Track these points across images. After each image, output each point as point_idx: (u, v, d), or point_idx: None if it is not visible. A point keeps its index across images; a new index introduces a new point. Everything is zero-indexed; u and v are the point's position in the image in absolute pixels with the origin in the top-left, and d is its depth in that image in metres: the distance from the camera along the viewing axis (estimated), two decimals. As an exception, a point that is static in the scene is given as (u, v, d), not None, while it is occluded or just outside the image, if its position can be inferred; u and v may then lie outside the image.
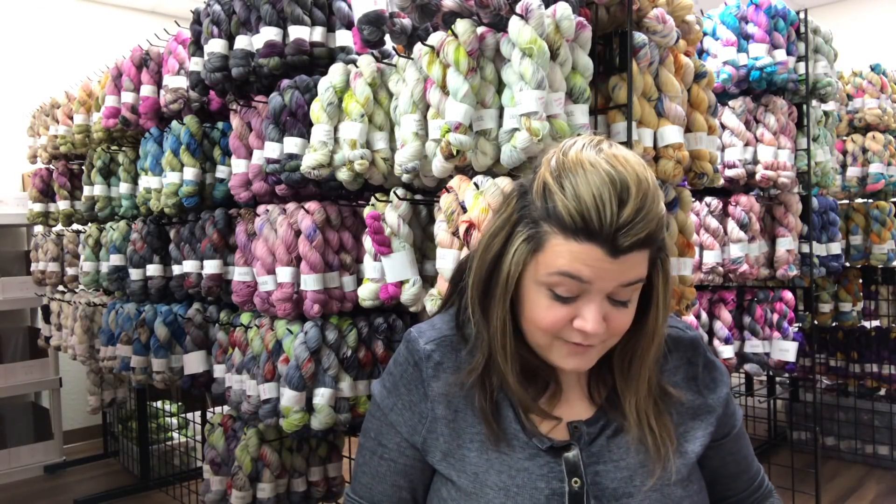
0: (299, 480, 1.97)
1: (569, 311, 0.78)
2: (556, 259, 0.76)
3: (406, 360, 0.90)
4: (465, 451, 0.85)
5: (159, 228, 2.34)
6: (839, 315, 3.15)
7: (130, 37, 3.41)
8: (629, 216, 0.72)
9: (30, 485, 3.40)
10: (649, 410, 0.85)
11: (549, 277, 0.77)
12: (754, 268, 2.22)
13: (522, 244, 0.79)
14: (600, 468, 0.83)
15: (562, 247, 0.75)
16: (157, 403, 3.47)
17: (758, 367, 2.27)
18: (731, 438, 0.94)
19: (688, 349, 0.92)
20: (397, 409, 0.89)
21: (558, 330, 0.80)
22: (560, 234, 0.75)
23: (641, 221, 0.73)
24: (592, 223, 0.72)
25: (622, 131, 1.43)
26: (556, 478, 0.81)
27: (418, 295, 1.47)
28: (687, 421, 0.88)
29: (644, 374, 0.84)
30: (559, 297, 0.78)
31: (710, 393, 0.91)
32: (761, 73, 2.24)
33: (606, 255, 0.73)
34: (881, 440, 3.38)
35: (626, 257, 0.74)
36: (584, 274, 0.75)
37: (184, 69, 2.18)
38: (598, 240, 0.73)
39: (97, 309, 2.76)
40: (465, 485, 0.84)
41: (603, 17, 1.47)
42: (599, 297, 0.77)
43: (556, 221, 0.75)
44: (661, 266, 0.81)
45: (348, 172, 1.54)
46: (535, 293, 0.80)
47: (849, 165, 3.17)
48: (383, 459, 0.90)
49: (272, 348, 1.74)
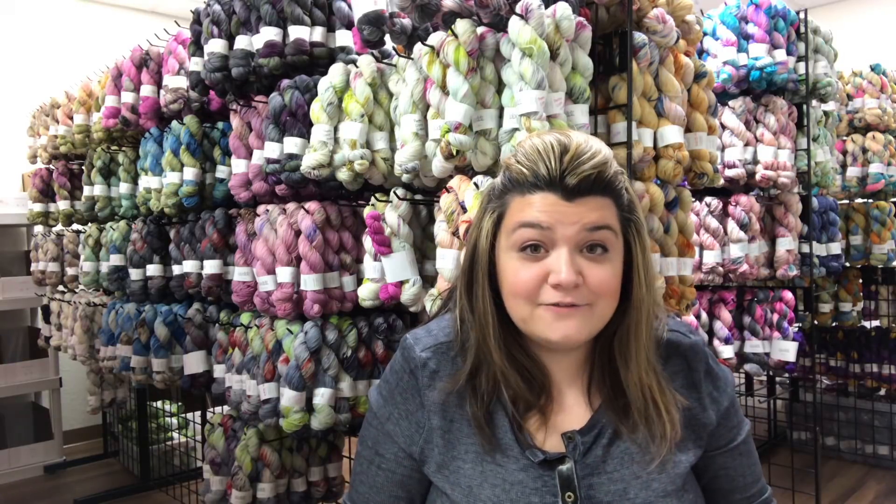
0: (299, 480, 1.97)
1: (541, 267, 0.79)
2: (518, 216, 0.81)
3: (402, 368, 0.89)
4: (460, 463, 0.84)
5: (159, 228, 2.34)
6: (839, 315, 3.14)
7: (130, 37, 3.41)
8: (571, 157, 0.78)
9: (30, 485, 3.40)
10: (653, 384, 0.82)
11: (513, 235, 0.81)
12: (754, 268, 2.22)
13: (489, 219, 0.85)
14: (594, 481, 0.81)
15: (521, 203, 0.81)
16: (157, 403, 3.47)
17: (758, 367, 2.27)
18: (725, 452, 0.89)
19: (687, 354, 0.89)
20: (394, 419, 0.88)
21: (534, 291, 0.79)
22: (518, 194, 0.81)
23: (587, 162, 0.78)
24: (540, 172, 0.79)
25: (622, 131, 1.43)
26: (549, 492, 0.80)
27: (418, 295, 1.47)
28: (682, 428, 0.84)
29: (640, 345, 0.82)
30: (528, 255, 0.80)
31: (711, 403, 0.88)
32: (761, 73, 2.24)
33: (560, 199, 0.78)
34: (881, 440, 3.38)
35: (582, 200, 0.78)
36: (542, 220, 0.78)
37: (184, 69, 2.18)
38: (549, 186, 0.79)
39: (97, 309, 2.76)
40: (458, 498, 0.82)
41: (603, 17, 1.47)
42: (567, 246, 0.78)
43: (513, 184, 0.82)
44: (636, 230, 0.83)
45: (348, 172, 1.54)
46: (508, 260, 0.82)
47: (849, 165, 3.17)
48: (381, 469, 0.89)
49: (272, 348, 1.74)
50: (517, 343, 0.86)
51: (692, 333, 0.92)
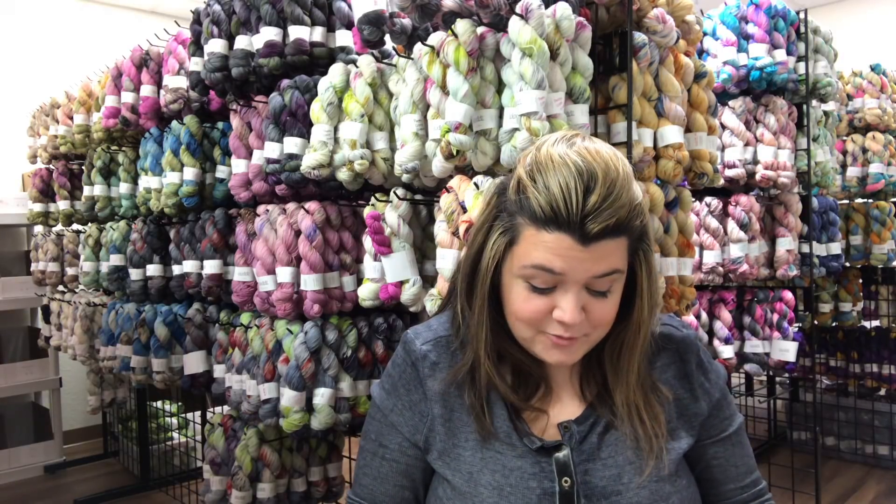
0: (299, 480, 1.97)
1: (546, 301, 0.80)
2: (530, 251, 0.78)
3: (404, 361, 0.92)
4: (460, 451, 0.86)
5: (159, 228, 2.34)
6: (839, 315, 3.14)
7: (130, 37, 3.41)
8: (595, 203, 0.74)
9: (30, 485, 3.40)
10: (639, 402, 0.85)
11: (523, 270, 0.79)
12: (754, 268, 2.22)
13: (499, 237, 0.82)
14: (590, 466, 0.84)
15: (534, 237, 0.78)
16: (157, 403, 3.47)
17: (758, 367, 2.27)
18: (716, 442, 0.92)
19: (679, 347, 0.92)
20: (398, 410, 0.91)
21: (538, 322, 0.81)
22: (532, 225, 0.78)
23: (609, 208, 0.75)
24: (560, 212, 0.75)
25: (622, 131, 1.43)
26: (546, 478, 0.83)
27: (418, 295, 1.47)
28: (674, 418, 0.89)
29: (633, 366, 0.85)
30: (536, 289, 0.80)
31: (702, 393, 0.91)
32: (761, 73, 2.24)
33: (576, 243, 0.75)
34: (881, 440, 3.38)
35: (597, 245, 0.76)
36: (556, 265, 0.77)
37: (184, 69, 2.18)
38: (567, 228, 0.75)
39: (97, 309, 2.76)
40: (459, 484, 0.85)
41: (603, 17, 1.47)
42: (576, 287, 0.78)
43: (528, 213, 0.78)
44: (644, 257, 0.82)
45: (348, 172, 1.54)
46: (514, 285, 0.82)
47: (849, 165, 3.17)
48: (385, 460, 0.91)
49: (272, 348, 1.74)
50: (515, 342, 0.88)
51: (684, 327, 0.95)
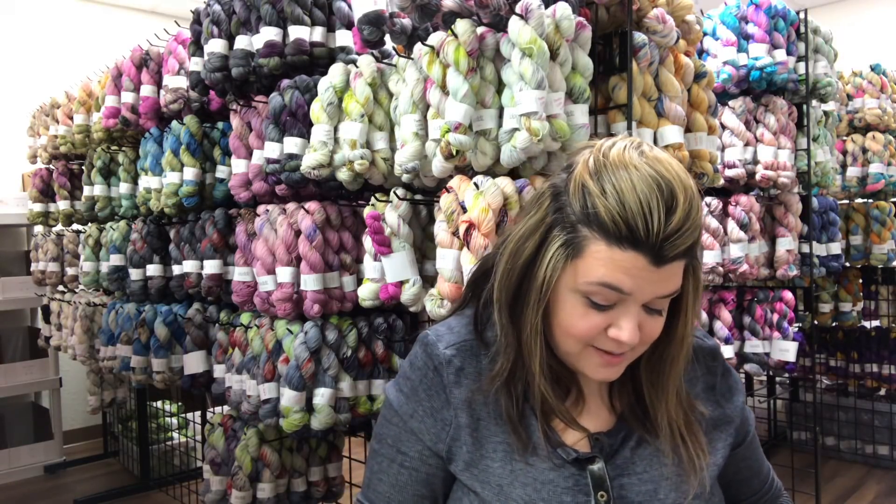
0: (299, 480, 1.97)
1: (604, 318, 0.75)
2: (597, 267, 0.72)
3: (425, 365, 0.86)
4: (489, 462, 0.82)
5: (159, 228, 2.34)
6: (839, 315, 3.14)
7: (130, 37, 3.41)
8: (677, 225, 0.69)
9: (30, 485, 3.40)
10: (680, 420, 0.82)
11: (587, 286, 0.74)
12: (754, 268, 2.22)
13: (559, 250, 0.75)
14: (625, 481, 0.81)
15: (603, 253, 0.72)
16: (157, 403, 3.47)
17: (758, 367, 2.27)
18: (745, 445, 0.93)
19: (708, 358, 0.90)
20: (418, 416, 0.85)
21: (592, 338, 0.77)
22: (602, 239, 0.72)
23: (688, 231, 0.70)
24: (639, 231, 0.69)
25: (622, 131, 1.43)
26: (581, 491, 0.79)
27: (418, 295, 1.47)
28: (710, 432, 0.86)
29: (674, 381, 0.82)
30: (596, 305, 0.75)
31: (727, 402, 0.90)
32: (761, 73, 2.24)
33: (650, 264, 0.71)
34: (881, 440, 3.38)
35: (667, 267, 0.72)
36: (625, 285, 0.72)
37: (184, 69, 2.18)
38: (643, 248, 0.70)
39: (97, 309, 2.76)
40: (489, 497, 0.81)
41: (603, 17, 1.47)
42: (637, 306, 0.74)
43: (598, 226, 0.72)
44: (693, 272, 0.78)
45: (348, 172, 1.54)
46: (570, 300, 0.76)
47: (849, 165, 3.17)
48: (404, 468, 0.86)
49: (272, 348, 1.74)
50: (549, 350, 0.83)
51: (707, 337, 0.94)
